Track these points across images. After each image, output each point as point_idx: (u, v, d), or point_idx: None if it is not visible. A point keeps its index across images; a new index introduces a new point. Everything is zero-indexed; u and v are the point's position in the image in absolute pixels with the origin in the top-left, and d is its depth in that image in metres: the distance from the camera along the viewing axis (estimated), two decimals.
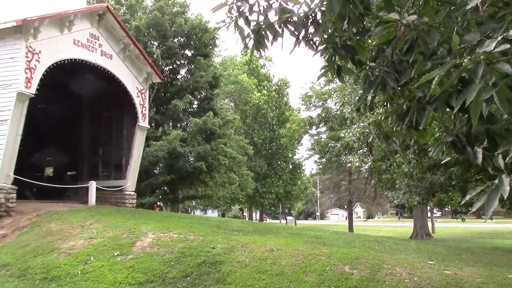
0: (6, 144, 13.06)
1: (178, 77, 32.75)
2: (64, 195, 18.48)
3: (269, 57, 55.27)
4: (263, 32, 3.73)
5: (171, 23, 30.20)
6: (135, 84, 17.85)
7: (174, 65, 32.26)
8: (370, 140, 3.97)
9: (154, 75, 18.56)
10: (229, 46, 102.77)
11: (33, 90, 13.57)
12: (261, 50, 3.87)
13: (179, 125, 31.88)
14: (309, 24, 3.69)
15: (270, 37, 3.78)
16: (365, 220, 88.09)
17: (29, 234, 11.63)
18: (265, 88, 51.41)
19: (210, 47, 33.17)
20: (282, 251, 9.35)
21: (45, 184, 17.16)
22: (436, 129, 3.84)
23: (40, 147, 21.28)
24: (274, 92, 52.32)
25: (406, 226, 48.41)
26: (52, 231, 11.52)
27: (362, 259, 8.78)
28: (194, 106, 32.47)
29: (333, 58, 3.62)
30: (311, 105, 40.36)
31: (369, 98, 3.49)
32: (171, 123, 32.20)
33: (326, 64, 3.72)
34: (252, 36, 3.77)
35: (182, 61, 32.52)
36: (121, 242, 10.22)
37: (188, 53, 32.54)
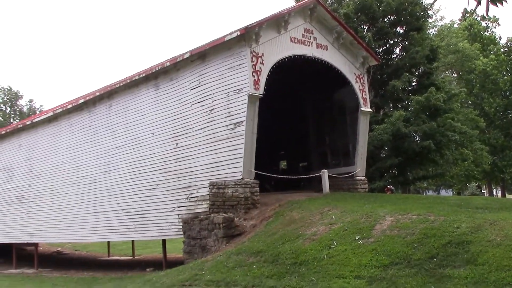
0: (245, 143, 14.35)
1: (392, 56, 31.86)
2: (299, 185, 19.54)
3: (495, 17, 49.81)
4: None
5: (379, 4, 29.52)
6: (352, 70, 17.93)
7: (387, 45, 31.44)
8: None
9: (370, 58, 18.37)
10: (445, 14, 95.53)
11: (261, 91, 14.65)
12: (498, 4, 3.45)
13: (399, 106, 30.98)
14: None
15: None
16: None
17: (275, 223, 12.58)
18: (492, 52, 46.37)
19: (423, 19, 31.43)
20: None
21: (281, 176, 18.37)
22: None
23: (273, 143, 22.98)
24: (503, 55, 46.87)
25: None
26: (294, 219, 12.27)
27: None
28: (413, 83, 31.17)
29: None
30: None
31: None
32: (391, 105, 31.50)
33: None
34: None
35: (395, 40, 31.51)
36: (360, 226, 10.34)
37: (400, 30, 31.37)
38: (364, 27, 30.67)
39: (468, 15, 51.19)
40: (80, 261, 25.64)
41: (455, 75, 46.37)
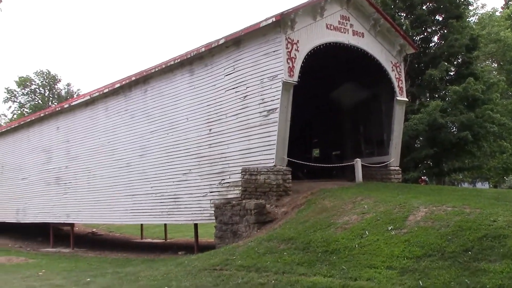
0: (278, 131, 14.34)
1: (430, 45, 31.17)
2: (332, 174, 19.41)
3: None
4: None
5: None
6: (388, 59, 17.62)
7: (425, 33, 30.83)
8: None
9: (407, 46, 18.02)
10: (486, 2, 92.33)
11: (295, 78, 14.57)
12: None
13: (436, 96, 30.37)
14: None
15: None
16: None
17: (307, 211, 12.56)
18: None
19: (463, 7, 30.59)
20: None
21: (314, 164, 18.29)
22: None
23: (306, 131, 22.87)
24: None
25: None
26: (326, 207, 12.23)
27: None
28: (451, 73, 30.44)
29: None
30: None
31: None
32: (427, 94, 30.91)
33: None
34: None
35: (433, 28, 30.83)
36: (393, 217, 10.22)
37: (439, 18, 30.65)
38: (402, 14, 30.10)
39: (511, 3, 49.41)
40: (114, 242, 26.26)
41: (495, 65, 44.92)
